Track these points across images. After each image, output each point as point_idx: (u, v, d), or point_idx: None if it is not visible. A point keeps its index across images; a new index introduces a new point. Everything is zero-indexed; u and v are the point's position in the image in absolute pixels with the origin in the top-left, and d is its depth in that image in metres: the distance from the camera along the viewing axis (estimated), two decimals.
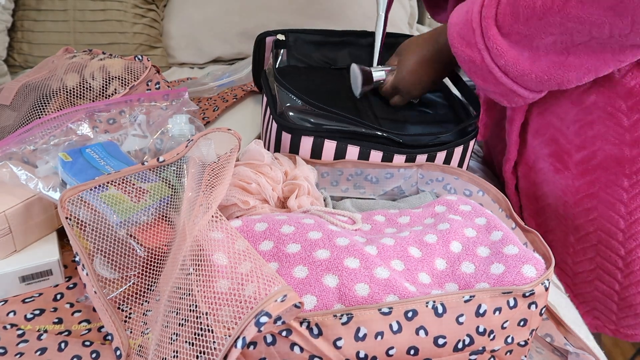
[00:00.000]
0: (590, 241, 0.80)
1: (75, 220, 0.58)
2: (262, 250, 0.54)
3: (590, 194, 0.77)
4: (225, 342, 0.42)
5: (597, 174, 0.75)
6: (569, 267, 0.85)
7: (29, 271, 0.61)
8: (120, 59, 0.84)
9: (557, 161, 0.80)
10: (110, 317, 0.55)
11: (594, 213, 0.78)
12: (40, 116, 0.75)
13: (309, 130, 0.74)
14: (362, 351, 0.46)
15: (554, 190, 0.82)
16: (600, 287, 0.83)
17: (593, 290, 0.85)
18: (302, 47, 0.95)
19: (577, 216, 0.80)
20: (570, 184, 0.79)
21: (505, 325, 0.50)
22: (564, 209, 0.82)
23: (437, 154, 0.76)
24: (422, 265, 0.55)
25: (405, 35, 0.96)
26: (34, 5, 1.26)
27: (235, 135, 0.67)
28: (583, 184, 0.77)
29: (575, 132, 0.76)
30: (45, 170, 0.64)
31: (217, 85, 1.07)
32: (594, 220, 0.78)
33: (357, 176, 0.76)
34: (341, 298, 0.49)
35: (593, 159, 0.75)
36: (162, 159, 0.64)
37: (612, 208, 0.76)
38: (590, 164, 0.76)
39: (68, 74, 0.80)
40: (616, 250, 0.78)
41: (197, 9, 1.33)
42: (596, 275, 0.83)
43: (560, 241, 0.85)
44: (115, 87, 0.80)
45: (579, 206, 0.79)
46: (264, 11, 1.32)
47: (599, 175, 0.75)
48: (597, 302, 0.86)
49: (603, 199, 0.76)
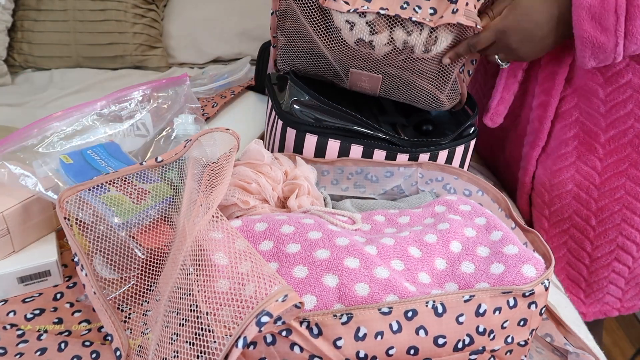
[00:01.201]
0: (614, 221, 0.82)
1: (75, 220, 0.58)
2: (262, 250, 0.54)
3: (618, 172, 0.79)
4: (225, 342, 0.42)
5: (627, 151, 0.77)
6: (587, 253, 0.86)
7: (27, 272, 0.61)
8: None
9: (581, 144, 0.80)
10: (110, 318, 0.55)
11: (621, 191, 0.80)
12: None
13: (313, 127, 0.74)
14: (362, 351, 0.46)
15: (575, 175, 0.83)
16: (617, 267, 0.85)
17: (610, 273, 0.87)
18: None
19: (602, 197, 0.81)
20: (597, 165, 0.80)
21: (505, 325, 0.50)
22: (587, 193, 0.83)
23: (439, 153, 0.76)
24: (422, 265, 0.55)
25: None
26: (34, 5, 1.26)
27: (234, 134, 0.67)
28: (611, 163, 0.79)
29: (606, 112, 0.76)
30: (42, 172, 0.64)
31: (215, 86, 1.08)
32: (620, 198, 0.80)
33: (357, 175, 0.76)
34: (341, 298, 0.49)
35: (623, 138, 0.77)
36: (160, 159, 0.64)
37: (638, 183, 0.78)
38: (620, 143, 0.77)
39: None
40: (637, 225, 0.81)
41: (197, 9, 1.34)
42: (615, 256, 0.85)
43: (578, 227, 0.86)
44: None
45: (605, 186, 0.81)
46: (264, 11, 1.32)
47: (629, 153, 0.77)
48: (610, 285, 0.88)
49: (632, 175, 0.78)
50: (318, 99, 0.75)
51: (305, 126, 0.74)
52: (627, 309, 0.90)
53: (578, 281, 0.89)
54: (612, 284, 0.87)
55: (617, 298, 0.89)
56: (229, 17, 1.32)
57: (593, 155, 0.80)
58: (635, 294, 0.89)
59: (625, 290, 0.88)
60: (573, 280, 0.89)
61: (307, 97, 0.76)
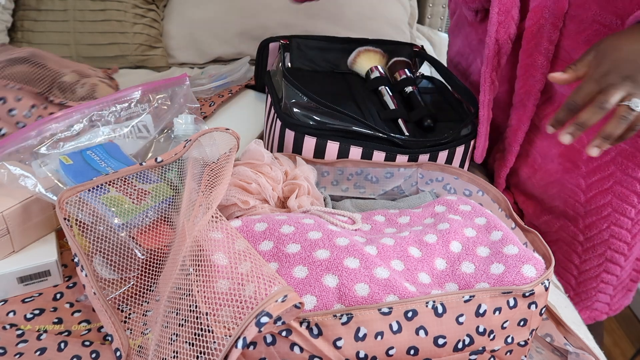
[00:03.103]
0: (602, 237, 0.82)
1: (75, 221, 0.58)
2: (262, 250, 0.54)
3: (603, 190, 0.78)
4: (225, 342, 0.42)
5: (610, 169, 0.77)
6: (575, 266, 0.86)
7: (27, 272, 0.61)
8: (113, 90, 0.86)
9: (567, 160, 0.80)
10: (110, 318, 0.55)
11: (608, 209, 0.79)
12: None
13: (312, 129, 0.74)
14: (362, 351, 0.46)
15: (562, 191, 0.82)
16: (605, 278, 0.85)
17: (599, 284, 0.86)
18: (306, 51, 0.95)
19: (589, 214, 0.81)
20: (582, 182, 0.79)
21: (505, 325, 0.50)
22: (573, 209, 0.82)
23: (439, 153, 0.76)
24: (422, 265, 0.55)
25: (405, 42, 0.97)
26: (34, 5, 1.26)
27: (234, 134, 0.67)
28: (595, 181, 0.78)
29: (588, 131, 0.76)
30: (42, 173, 0.64)
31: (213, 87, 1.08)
32: (607, 216, 0.80)
33: (357, 175, 0.76)
34: (341, 298, 0.49)
35: (605, 156, 0.76)
36: (160, 159, 0.64)
37: (626, 200, 0.77)
38: (602, 161, 0.77)
39: (73, 72, 0.83)
40: (624, 239, 0.80)
41: (197, 9, 1.33)
42: (603, 268, 0.84)
43: (566, 241, 0.85)
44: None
45: (591, 204, 0.80)
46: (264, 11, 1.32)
47: (613, 171, 0.77)
48: (600, 293, 0.87)
49: (618, 193, 0.77)
50: (317, 101, 0.75)
51: (304, 128, 0.74)
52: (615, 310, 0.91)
53: (566, 289, 0.89)
54: (600, 292, 0.87)
55: (605, 303, 0.89)
56: (229, 17, 1.32)
57: (576, 173, 0.79)
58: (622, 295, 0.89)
59: (613, 295, 0.88)
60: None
61: (305, 99, 0.76)
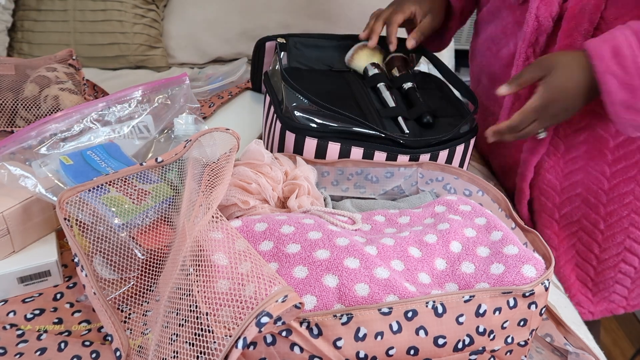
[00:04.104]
0: (622, 225, 0.83)
1: (75, 221, 0.58)
2: (262, 251, 0.54)
3: (627, 178, 0.79)
4: (225, 342, 0.42)
5: (636, 157, 0.78)
6: (595, 255, 0.87)
7: (27, 272, 0.61)
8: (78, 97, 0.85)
9: (590, 149, 0.80)
10: (110, 318, 0.55)
11: (630, 197, 0.80)
12: None
13: (313, 131, 0.74)
14: (362, 351, 0.46)
15: (585, 178, 0.83)
16: (623, 268, 0.86)
17: (616, 274, 0.87)
18: (303, 50, 0.95)
19: (611, 202, 0.82)
20: (606, 170, 0.80)
21: (505, 325, 0.50)
22: (595, 197, 0.83)
23: (439, 153, 0.76)
24: (422, 265, 0.55)
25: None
26: (34, 5, 1.26)
27: (234, 134, 0.67)
28: (620, 169, 0.79)
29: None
30: (42, 173, 0.64)
31: (209, 89, 1.08)
32: (629, 204, 0.81)
33: (357, 175, 0.76)
34: (341, 298, 0.49)
35: (632, 144, 0.77)
36: (160, 160, 0.64)
37: None
38: (629, 149, 0.77)
39: (32, 83, 0.83)
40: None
41: (197, 9, 1.33)
42: (622, 258, 0.85)
43: (587, 230, 0.86)
44: None
45: (614, 192, 0.81)
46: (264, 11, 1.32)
47: (638, 159, 0.77)
48: (617, 284, 0.89)
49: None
50: (318, 104, 0.75)
51: (306, 131, 0.74)
52: (632, 306, 0.91)
53: (585, 281, 0.89)
54: (618, 283, 0.88)
55: (623, 297, 0.90)
56: (229, 17, 1.32)
57: (602, 161, 0.80)
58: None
59: (632, 289, 0.89)
60: (581, 281, 0.90)
61: (306, 101, 0.76)
